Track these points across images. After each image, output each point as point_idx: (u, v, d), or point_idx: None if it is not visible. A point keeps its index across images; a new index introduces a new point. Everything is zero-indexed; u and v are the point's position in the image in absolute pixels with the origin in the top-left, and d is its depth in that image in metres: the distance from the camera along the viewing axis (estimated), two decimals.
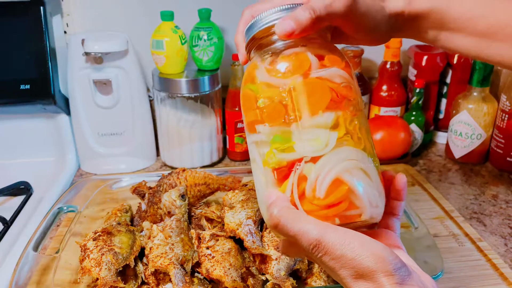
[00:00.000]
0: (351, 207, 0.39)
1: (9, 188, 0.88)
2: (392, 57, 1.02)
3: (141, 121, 0.98)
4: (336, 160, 0.39)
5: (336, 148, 0.39)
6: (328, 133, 0.40)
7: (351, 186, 0.39)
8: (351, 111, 0.41)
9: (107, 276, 0.55)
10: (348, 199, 0.39)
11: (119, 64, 0.92)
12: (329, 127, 0.40)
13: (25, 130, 0.98)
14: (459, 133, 0.99)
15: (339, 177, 0.39)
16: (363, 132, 0.41)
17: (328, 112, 0.40)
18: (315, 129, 0.40)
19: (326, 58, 0.41)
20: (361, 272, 0.37)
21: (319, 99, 0.40)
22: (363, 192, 0.39)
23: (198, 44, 0.91)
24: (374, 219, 0.41)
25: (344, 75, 0.41)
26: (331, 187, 0.39)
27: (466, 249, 0.71)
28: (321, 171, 0.39)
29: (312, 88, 0.40)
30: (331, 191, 0.39)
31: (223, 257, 0.59)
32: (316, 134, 0.40)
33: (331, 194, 0.39)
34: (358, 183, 0.39)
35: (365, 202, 0.39)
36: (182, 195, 0.68)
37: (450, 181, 0.94)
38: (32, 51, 0.90)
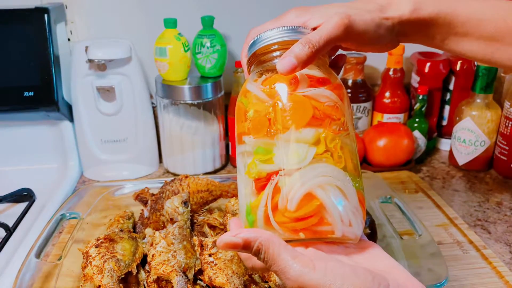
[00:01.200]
0: (321, 223, 0.39)
1: (12, 195, 0.88)
2: (395, 64, 1.02)
3: (144, 128, 0.98)
4: (311, 175, 0.39)
5: (313, 163, 0.40)
6: (307, 148, 0.40)
7: (323, 201, 0.39)
8: (333, 130, 0.41)
9: (109, 283, 0.55)
10: (318, 214, 0.39)
11: (122, 71, 0.92)
12: (309, 143, 0.40)
13: (28, 137, 0.98)
14: (463, 140, 0.99)
15: (311, 191, 0.39)
16: (346, 152, 0.42)
17: (309, 128, 0.41)
18: (295, 143, 0.41)
19: (316, 79, 0.43)
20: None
21: (301, 115, 0.41)
22: (334, 209, 0.39)
23: (201, 51, 0.91)
24: (348, 238, 0.40)
25: (330, 95, 0.42)
26: (302, 201, 0.39)
27: (470, 256, 0.71)
28: (294, 184, 0.39)
29: (295, 104, 0.41)
30: (302, 204, 0.39)
31: (225, 264, 0.58)
32: (295, 149, 0.40)
33: (302, 208, 0.39)
34: (330, 199, 0.39)
35: (337, 219, 0.39)
36: (185, 201, 0.67)
37: (454, 188, 0.94)
38: (36, 58, 0.91)
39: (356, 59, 1.01)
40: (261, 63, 0.46)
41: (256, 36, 0.45)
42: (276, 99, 0.42)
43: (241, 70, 0.96)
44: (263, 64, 0.45)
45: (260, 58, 0.46)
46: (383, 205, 0.75)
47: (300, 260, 0.37)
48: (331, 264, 0.37)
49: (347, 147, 0.42)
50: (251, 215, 0.42)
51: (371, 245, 0.43)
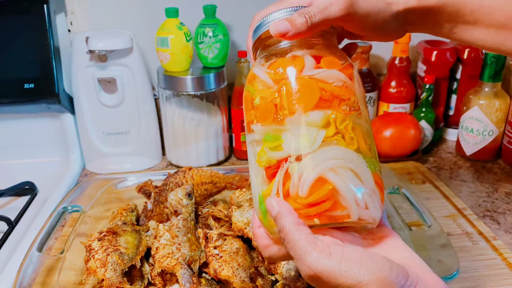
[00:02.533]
0: (336, 207, 0.38)
1: (14, 189, 0.87)
2: (401, 52, 1.00)
3: (146, 120, 0.97)
4: (321, 159, 0.38)
5: (323, 146, 0.38)
6: (316, 132, 0.39)
7: (335, 185, 0.37)
8: (343, 111, 0.40)
9: (113, 277, 0.54)
10: (332, 198, 0.37)
11: (123, 62, 0.91)
12: (318, 126, 0.39)
13: (30, 130, 0.97)
14: (470, 130, 0.97)
15: (323, 175, 0.38)
16: (358, 133, 0.40)
17: (317, 110, 0.39)
18: (303, 127, 0.39)
19: (322, 60, 0.42)
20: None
21: (308, 98, 0.40)
22: (348, 192, 0.38)
23: (204, 41, 0.90)
24: (366, 221, 0.39)
25: (339, 75, 0.41)
26: (313, 186, 0.38)
27: (480, 247, 0.69)
28: (304, 169, 0.38)
29: (301, 87, 0.40)
30: (313, 189, 0.38)
31: (231, 257, 0.57)
32: (303, 133, 0.39)
33: (314, 193, 0.38)
34: (343, 182, 0.38)
35: (351, 203, 0.38)
36: (189, 193, 0.66)
37: (462, 179, 0.92)
38: (36, 49, 0.89)
39: (361, 48, 0.99)
40: (266, 48, 0.44)
41: (261, 19, 0.44)
42: (281, 83, 0.41)
43: (244, 60, 0.94)
44: (268, 48, 0.44)
45: (265, 43, 0.44)
46: (390, 196, 0.73)
47: (317, 246, 0.36)
48: (348, 251, 0.36)
49: (359, 127, 0.41)
50: (263, 204, 0.41)
51: (390, 234, 0.42)
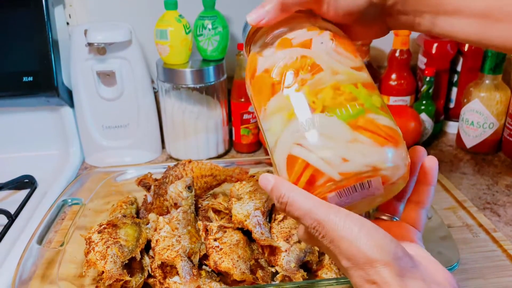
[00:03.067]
0: (317, 177, 0.37)
1: (13, 182, 0.87)
2: (401, 45, 0.99)
3: (145, 113, 0.96)
4: (286, 139, 0.39)
5: (286, 126, 0.39)
6: (280, 117, 0.39)
7: (301, 156, 0.37)
8: (300, 81, 0.39)
9: (113, 269, 0.54)
10: (306, 170, 0.37)
11: (122, 55, 0.90)
12: (278, 112, 0.40)
13: (29, 123, 0.97)
14: (471, 122, 0.97)
15: (290, 153, 0.38)
16: (324, 90, 0.38)
17: (272, 98, 0.40)
18: (268, 120, 0.41)
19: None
20: (358, 260, 0.35)
21: (264, 92, 0.41)
22: (317, 157, 0.37)
23: (203, 34, 0.89)
24: (353, 173, 0.36)
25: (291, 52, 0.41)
26: (288, 167, 0.38)
27: (480, 239, 0.69)
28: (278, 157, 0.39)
29: (256, 85, 0.42)
30: (290, 170, 0.38)
31: (231, 249, 0.57)
32: (270, 123, 0.40)
33: (292, 173, 0.38)
34: (309, 150, 0.37)
35: (325, 164, 0.36)
36: (189, 186, 0.66)
37: (462, 171, 0.92)
38: (34, 42, 0.89)
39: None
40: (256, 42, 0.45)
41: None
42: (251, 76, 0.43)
43: (243, 52, 0.94)
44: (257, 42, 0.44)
45: (254, 38, 0.45)
46: None
47: (324, 203, 0.36)
48: (354, 215, 0.36)
49: (324, 83, 0.39)
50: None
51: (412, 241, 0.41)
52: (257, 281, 0.55)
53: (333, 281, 0.54)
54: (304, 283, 0.53)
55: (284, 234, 0.60)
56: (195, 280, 0.54)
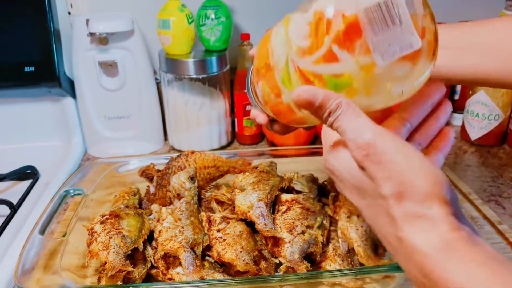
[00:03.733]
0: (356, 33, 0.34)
1: (16, 173, 0.86)
2: None
3: (148, 104, 0.96)
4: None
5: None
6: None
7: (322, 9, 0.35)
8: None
9: (115, 260, 0.53)
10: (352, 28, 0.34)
11: (124, 45, 0.89)
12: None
13: (31, 114, 0.96)
14: (476, 114, 0.96)
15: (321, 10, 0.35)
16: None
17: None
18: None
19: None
20: (410, 190, 0.32)
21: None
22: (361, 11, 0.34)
23: (206, 23, 0.88)
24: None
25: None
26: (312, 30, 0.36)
27: (485, 232, 0.69)
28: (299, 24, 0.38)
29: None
30: (315, 31, 0.36)
31: (234, 240, 0.57)
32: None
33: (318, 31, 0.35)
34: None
35: (369, 31, 0.34)
36: (192, 177, 0.66)
37: (466, 164, 0.91)
38: (35, 32, 0.88)
39: None
40: None
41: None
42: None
43: (246, 43, 0.93)
44: None
45: None
46: None
47: (379, 126, 0.34)
48: (411, 145, 0.34)
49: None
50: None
51: None
52: (260, 272, 0.54)
53: (337, 272, 0.54)
54: (308, 274, 0.52)
55: (288, 226, 0.59)
56: (198, 271, 0.53)
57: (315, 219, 0.61)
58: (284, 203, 0.63)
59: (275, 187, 0.65)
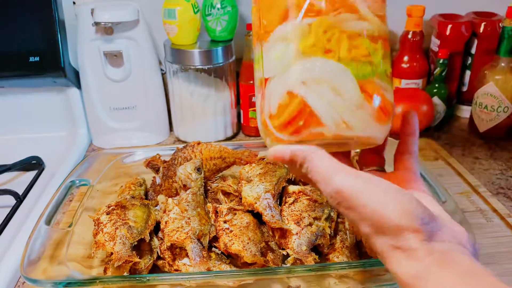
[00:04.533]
0: (309, 123, 0.36)
1: (21, 163, 0.86)
2: (414, 26, 0.97)
3: (153, 95, 0.95)
4: (291, 74, 0.36)
5: (295, 60, 0.36)
6: (285, 46, 0.37)
7: (304, 98, 0.35)
8: (316, 12, 0.36)
9: (122, 251, 0.53)
10: (302, 113, 0.36)
11: (130, 35, 0.89)
12: (287, 39, 0.36)
13: (36, 104, 0.96)
14: (484, 106, 0.95)
15: (292, 90, 0.36)
16: (340, 37, 0.36)
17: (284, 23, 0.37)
18: (271, 45, 0.37)
19: None
20: (383, 227, 0.33)
21: (272, 11, 0.37)
22: (321, 106, 0.35)
23: (211, 13, 0.87)
24: (347, 137, 0.37)
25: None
26: (282, 103, 0.36)
27: (494, 224, 0.68)
28: (275, 87, 0.37)
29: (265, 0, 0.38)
30: (282, 107, 0.36)
31: (241, 231, 0.56)
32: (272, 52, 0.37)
33: (284, 110, 0.36)
34: (313, 95, 0.35)
35: (325, 117, 0.35)
36: (198, 168, 0.65)
37: (475, 156, 0.90)
38: (40, 22, 0.87)
39: None
40: None
41: None
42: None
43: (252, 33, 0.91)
44: None
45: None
46: None
47: (344, 168, 0.35)
48: (375, 178, 0.35)
49: (342, 28, 0.36)
50: (257, 118, 0.42)
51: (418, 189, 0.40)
52: (267, 264, 0.54)
53: (345, 264, 0.53)
54: (316, 266, 0.52)
55: (295, 217, 0.59)
56: (205, 262, 0.53)
57: (322, 211, 0.60)
58: (291, 195, 0.62)
59: (282, 178, 0.64)
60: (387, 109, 0.38)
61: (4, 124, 0.98)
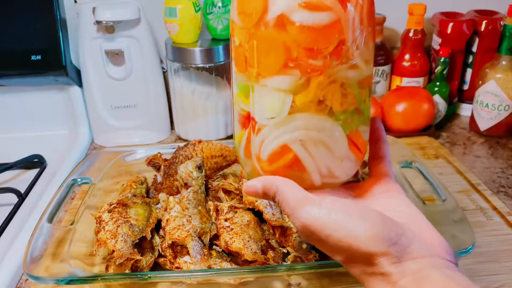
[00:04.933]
0: (300, 177, 0.39)
1: (23, 161, 0.86)
2: (415, 24, 0.97)
3: (154, 93, 0.95)
4: (286, 128, 0.37)
5: (291, 114, 0.37)
6: (283, 98, 0.36)
7: (299, 156, 0.38)
8: (316, 68, 0.35)
9: (123, 248, 0.53)
10: (294, 165, 0.38)
11: (131, 34, 0.89)
12: (285, 91, 0.36)
13: (38, 103, 0.96)
14: (485, 104, 0.95)
15: (288, 145, 0.38)
16: (334, 90, 0.36)
17: (283, 75, 0.36)
18: (267, 92, 0.37)
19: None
20: (353, 256, 0.33)
21: (272, 60, 0.36)
22: (310, 163, 0.38)
23: (213, 12, 0.87)
24: (333, 185, 0.40)
25: (320, 17, 0.34)
26: (275, 153, 0.38)
27: (494, 223, 0.68)
28: (267, 136, 0.38)
29: (264, 44, 0.35)
30: (275, 157, 0.38)
31: (242, 229, 0.57)
32: (268, 98, 0.37)
33: (275, 161, 0.38)
34: (306, 154, 0.38)
35: (313, 171, 0.38)
36: (199, 166, 0.65)
37: (475, 154, 0.90)
38: (42, 20, 0.87)
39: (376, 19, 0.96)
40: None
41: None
42: (250, 33, 0.36)
43: None
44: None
45: None
46: (404, 170, 0.72)
47: (308, 199, 0.35)
48: (339, 203, 0.35)
49: (348, 81, 0.37)
50: (236, 142, 0.44)
51: (393, 189, 0.41)
52: (268, 262, 0.54)
53: None
54: (316, 264, 0.52)
55: None
56: (206, 260, 0.53)
57: None
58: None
59: None
60: (364, 148, 0.42)
61: (6, 123, 0.98)
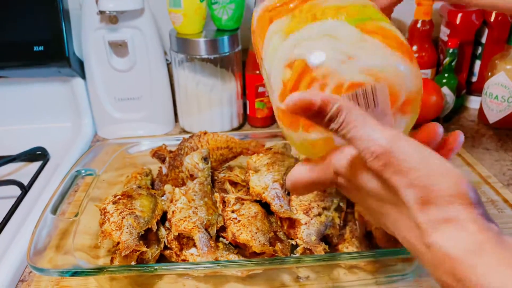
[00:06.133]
0: (317, 79, 0.35)
1: (26, 154, 0.85)
2: (423, 15, 0.95)
3: (158, 85, 0.94)
4: (283, 49, 0.37)
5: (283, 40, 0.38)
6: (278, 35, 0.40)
7: (302, 57, 0.35)
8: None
9: (129, 240, 0.52)
10: (306, 73, 0.35)
11: (134, 24, 0.87)
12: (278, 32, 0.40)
13: (41, 95, 0.95)
14: (495, 96, 0.93)
15: (287, 59, 0.36)
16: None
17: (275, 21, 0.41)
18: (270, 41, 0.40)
19: None
20: (433, 194, 0.30)
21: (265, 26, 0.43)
22: (319, 55, 0.34)
23: (218, 2, 0.86)
24: (365, 71, 0.34)
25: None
26: (284, 79, 0.37)
27: (506, 215, 0.67)
28: (274, 69, 0.38)
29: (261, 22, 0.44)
30: (285, 81, 0.36)
31: (249, 221, 0.55)
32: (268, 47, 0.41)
33: (287, 83, 0.36)
34: (306, 50, 0.35)
35: (330, 62, 0.34)
36: (205, 157, 0.64)
37: (485, 147, 0.89)
38: (45, 11, 0.86)
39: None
40: None
41: None
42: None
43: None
44: None
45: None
46: None
47: (388, 128, 0.32)
48: (426, 147, 0.32)
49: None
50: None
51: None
52: (276, 254, 0.53)
53: (355, 254, 0.52)
54: (326, 256, 0.51)
55: (304, 207, 0.58)
56: (213, 252, 0.52)
57: (331, 201, 0.59)
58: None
59: (291, 168, 0.63)
60: (399, 42, 0.35)
61: (9, 115, 0.97)
